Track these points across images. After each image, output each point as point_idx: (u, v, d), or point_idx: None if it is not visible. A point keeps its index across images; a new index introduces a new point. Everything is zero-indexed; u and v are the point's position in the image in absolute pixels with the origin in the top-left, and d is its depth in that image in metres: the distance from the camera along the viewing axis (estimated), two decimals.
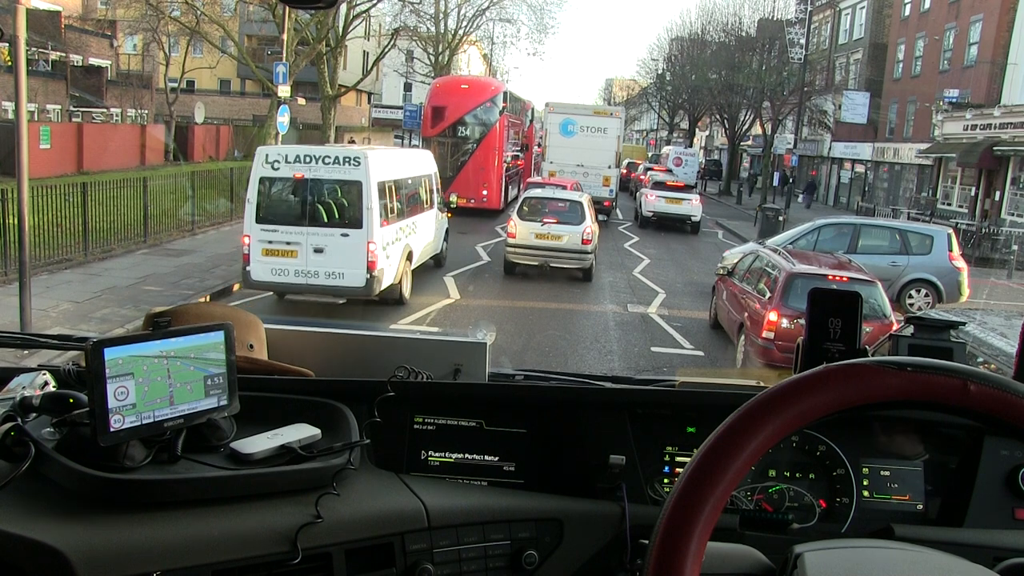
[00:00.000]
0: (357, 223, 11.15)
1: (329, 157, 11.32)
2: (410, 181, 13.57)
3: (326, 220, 11.27)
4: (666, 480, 1.84)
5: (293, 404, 1.70)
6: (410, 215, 13.13)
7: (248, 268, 11.26)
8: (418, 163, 14.55)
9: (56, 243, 13.22)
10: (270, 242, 11.14)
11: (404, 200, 12.98)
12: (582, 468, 1.78)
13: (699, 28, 48.21)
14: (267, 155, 11.41)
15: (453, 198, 16.51)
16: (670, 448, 1.85)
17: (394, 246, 11.99)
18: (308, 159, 11.22)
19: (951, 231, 14.98)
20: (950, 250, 14.19)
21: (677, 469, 1.84)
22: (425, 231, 14.03)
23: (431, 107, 25.27)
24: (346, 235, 11.13)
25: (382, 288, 11.50)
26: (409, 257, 12.76)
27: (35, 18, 27.10)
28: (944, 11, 32.34)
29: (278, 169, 11.26)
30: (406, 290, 12.54)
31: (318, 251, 11.12)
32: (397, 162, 13.30)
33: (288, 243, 11.13)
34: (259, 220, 11.18)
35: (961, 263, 14.22)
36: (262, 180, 11.25)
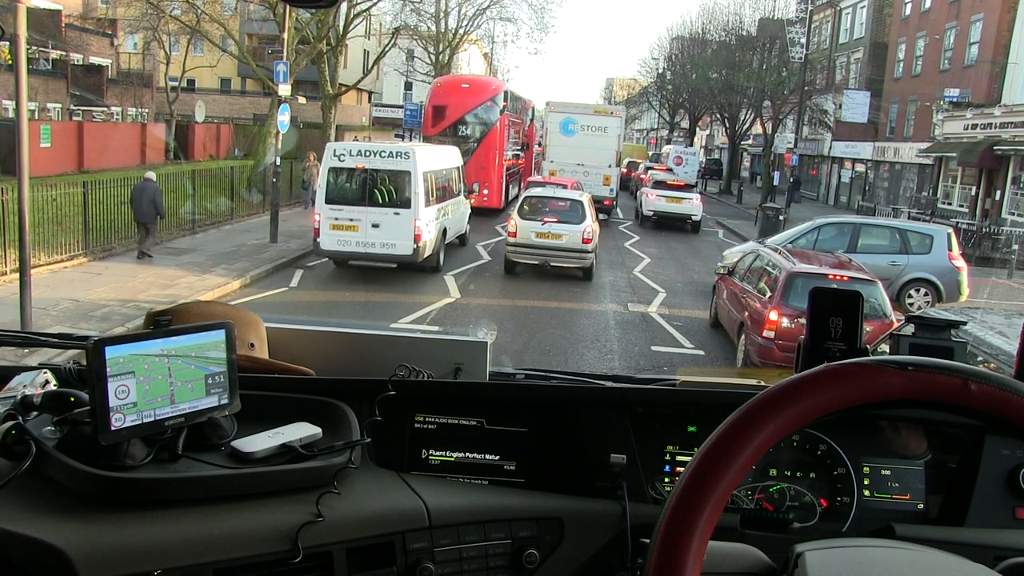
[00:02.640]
0: (406, 204, 13.72)
1: (385, 151, 14.07)
2: (444, 172, 16.23)
3: (381, 201, 13.76)
4: (667, 479, 1.84)
5: (294, 403, 1.70)
6: (444, 200, 15.77)
7: (318, 240, 13.78)
8: (450, 158, 17.38)
9: (57, 241, 13.22)
10: (336, 219, 13.63)
11: (441, 187, 15.57)
12: (583, 467, 1.78)
13: (700, 27, 48.25)
14: (335, 150, 14.01)
15: (476, 186, 18.86)
16: (671, 447, 1.85)
17: (434, 223, 14.52)
18: (368, 153, 13.91)
19: (951, 230, 14.96)
20: (950, 249, 14.17)
21: (678, 468, 1.84)
22: (455, 213, 16.71)
23: (432, 106, 25.27)
24: (397, 213, 13.65)
25: (424, 256, 13.96)
26: (444, 233, 15.36)
27: (35, 17, 27.08)
28: (945, 10, 32.31)
29: (343, 161, 13.78)
30: (441, 259, 15.14)
31: (375, 226, 13.61)
32: (436, 156, 16.02)
33: (351, 219, 13.63)
34: (328, 201, 13.72)
35: (961, 262, 14.21)
36: (331, 170, 13.74)
